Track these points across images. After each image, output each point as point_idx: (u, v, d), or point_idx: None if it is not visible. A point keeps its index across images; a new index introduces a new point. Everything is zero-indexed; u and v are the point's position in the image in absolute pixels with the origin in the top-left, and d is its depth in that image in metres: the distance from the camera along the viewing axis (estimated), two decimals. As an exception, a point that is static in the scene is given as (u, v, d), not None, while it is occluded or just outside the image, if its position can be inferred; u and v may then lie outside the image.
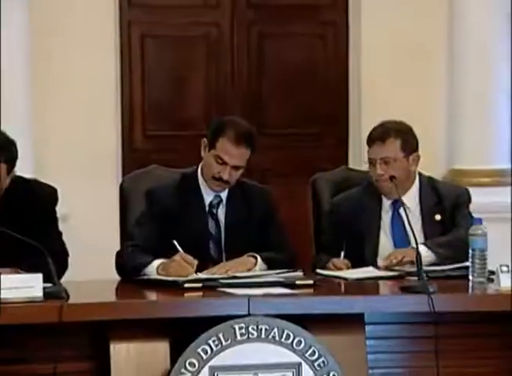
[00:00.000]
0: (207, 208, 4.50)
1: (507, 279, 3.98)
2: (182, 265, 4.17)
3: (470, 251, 4.12)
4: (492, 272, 4.09)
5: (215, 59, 6.58)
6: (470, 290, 4.07)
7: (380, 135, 4.57)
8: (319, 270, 4.38)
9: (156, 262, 4.24)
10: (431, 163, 5.81)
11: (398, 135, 4.57)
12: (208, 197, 4.51)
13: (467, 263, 4.16)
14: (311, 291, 4.02)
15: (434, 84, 6.52)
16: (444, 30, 6.46)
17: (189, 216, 4.46)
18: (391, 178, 4.53)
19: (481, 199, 5.36)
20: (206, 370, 3.74)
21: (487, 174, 6.31)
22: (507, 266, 4.00)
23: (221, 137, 4.42)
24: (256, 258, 4.34)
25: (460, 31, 6.41)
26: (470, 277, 4.11)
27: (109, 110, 6.31)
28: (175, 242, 4.21)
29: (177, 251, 4.21)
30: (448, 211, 4.64)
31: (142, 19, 6.50)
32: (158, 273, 4.20)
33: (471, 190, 5.13)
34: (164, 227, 4.39)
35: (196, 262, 4.16)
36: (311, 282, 4.08)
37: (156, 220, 4.41)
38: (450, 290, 4.08)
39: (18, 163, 4.27)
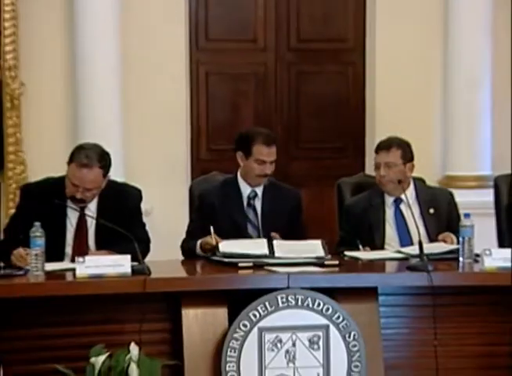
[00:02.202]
0: (245, 200, 4.49)
1: (489, 260, 3.94)
2: (206, 240, 4.25)
3: (461, 239, 4.09)
4: (478, 255, 4.06)
5: (262, 90, 6.56)
6: (460, 269, 4.04)
7: (385, 145, 4.59)
8: (346, 252, 4.33)
9: (198, 241, 4.31)
10: (429, 170, 5.80)
11: (400, 146, 4.58)
12: (246, 192, 4.49)
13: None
14: (337, 269, 4.00)
15: (431, 109, 6.47)
16: (439, 66, 6.42)
17: (230, 206, 4.46)
18: (399, 181, 4.52)
19: (468, 198, 5.32)
20: (255, 329, 3.73)
21: (473, 179, 6.24)
22: (489, 250, 3.97)
23: (254, 144, 4.42)
24: None
25: (453, 66, 6.34)
26: (460, 259, 4.07)
27: (181, 129, 6.31)
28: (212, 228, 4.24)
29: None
30: (445, 208, 4.61)
31: (207, 60, 6.49)
32: (200, 246, 4.29)
33: (461, 192, 5.11)
34: (213, 217, 4.38)
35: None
36: (337, 262, 4.05)
37: (205, 216, 4.41)
38: (445, 268, 4.05)
39: (112, 169, 4.27)
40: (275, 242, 4.13)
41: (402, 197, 4.54)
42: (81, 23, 5.84)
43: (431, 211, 4.58)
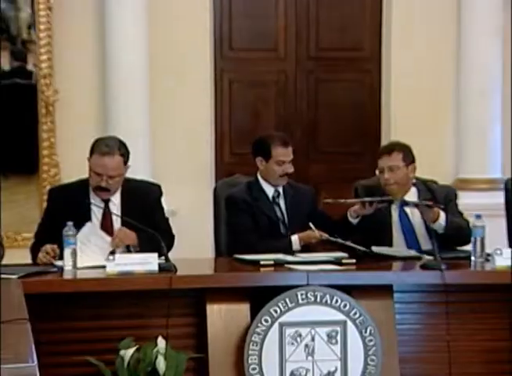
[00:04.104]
0: (271, 199, 4.50)
1: (500, 259, 3.91)
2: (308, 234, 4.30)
3: (472, 239, 4.06)
4: (489, 255, 4.03)
5: (283, 97, 6.55)
6: (472, 267, 4.01)
7: (387, 149, 4.56)
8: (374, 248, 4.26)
9: (294, 237, 4.34)
10: (442, 173, 5.75)
11: (400, 149, 4.52)
12: (270, 191, 4.50)
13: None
14: (354, 267, 3.98)
15: (444, 115, 6.44)
16: (452, 74, 6.38)
17: (261, 206, 4.46)
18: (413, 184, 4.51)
19: (480, 200, 5.29)
20: (276, 325, 3.72)
21: (484, 181, 6.20)
22: (500, 250, 3.94)
23: (273, 148, 4.45)
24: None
25: (465, 74, 6.31)
26: (472, 258, 4.04)
27: (206, 133, 6.30)
28: (311, 224, 4.27)
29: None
30: (441, 204, 4.57)
31: (231, 68, 6.49)
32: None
33: (473, 194, 5.06)
34: (251, 213, 4.41)
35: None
36: (353, 261, 4.03)
37: (245, 212, 4.42)
38: (457, 267, 4.02)
39: (140, 172, 4.25)
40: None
41: (406, 198, 4.51)
42: (110, 34, 5.87)
43: None
